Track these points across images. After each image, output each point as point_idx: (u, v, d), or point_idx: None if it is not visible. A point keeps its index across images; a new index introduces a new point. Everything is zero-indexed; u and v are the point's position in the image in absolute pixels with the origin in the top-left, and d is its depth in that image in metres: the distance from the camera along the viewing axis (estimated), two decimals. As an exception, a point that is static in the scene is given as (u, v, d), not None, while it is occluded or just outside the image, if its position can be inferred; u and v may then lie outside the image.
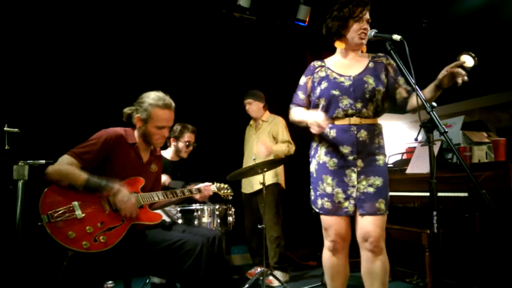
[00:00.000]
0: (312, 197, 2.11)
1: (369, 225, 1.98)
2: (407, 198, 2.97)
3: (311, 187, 2.15)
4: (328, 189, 2.02)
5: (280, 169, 3.77)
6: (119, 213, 1.93)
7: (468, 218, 2.54)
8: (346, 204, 2.00)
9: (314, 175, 2.11)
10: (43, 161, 1.68)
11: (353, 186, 2.00)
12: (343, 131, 2.02)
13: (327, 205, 2.02)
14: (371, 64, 2.11)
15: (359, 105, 2.02)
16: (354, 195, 2.00)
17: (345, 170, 2.01)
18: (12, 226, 1.75)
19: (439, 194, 2.64)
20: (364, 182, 2.00)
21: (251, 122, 3.97)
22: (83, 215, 1.82)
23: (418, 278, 3.21)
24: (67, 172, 1.82)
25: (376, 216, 1.98)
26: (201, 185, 2.37)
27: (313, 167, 2.13)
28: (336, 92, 2.03)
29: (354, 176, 2.01)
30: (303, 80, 2.21)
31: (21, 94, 3.35)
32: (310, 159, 2.16)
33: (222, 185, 2.58)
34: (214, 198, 2.65)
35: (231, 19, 4.52)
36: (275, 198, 3.69)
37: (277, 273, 3.52)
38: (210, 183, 2.46)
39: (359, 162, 2.01)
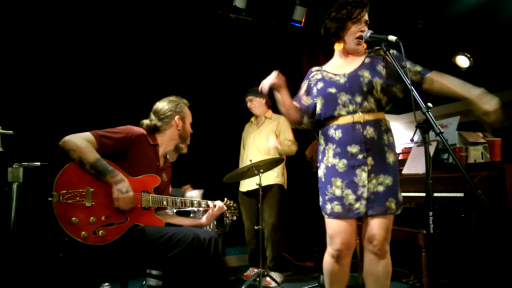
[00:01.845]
0: (321, 203, 2.05)
1: (375, 228, 1.95)
2: (404, 198, 2.96)
3: (319, 192, 2.08)
4: (338, 192, 1.96)
5: (283, 170, 3.74)
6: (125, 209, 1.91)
7: (464, 219, 2.55)
8: (357, 205, 1.94)
9: (323, 179, 2.03)
10: (38, 163, 1.66)
11: (364, 186, 1.94)
12: (348, 130, 1.98)
13: (337, 208, 1.95)
14: (367, 60, 2.08)
15: (358, 99, 1.98)
16: (365, 195, 1.93)
17: (356, 170, 1.95)
18: (7, 228, 1.74)
19: (435, 194, 2.64)
20: (374, 181, 1.94)
21: (252, 119, 3.91)
22: (92, 203, 1.82)
23: (415, 278, 3.21)
24: (83, 145, 1.83)
25: (383, 218, 1.94)
26: (209, 201, 2.36)
27: (321, 171, 2.05)
28: (332, 90, 2.01)
29: (364, 175, 1.94)
30: (302, 85, 2.22)
31: (15, 96, 3.33)
32: (319, 165, 2.10)
33: (231, 203, 2.57)
34: (210, 199, 2.63)
35: (227, 20, 4.52)
36: (279, 200, 3.63)
37: (274, 274, 3.52)
38: (221, 203, 2.43)
39: (369, 160, 1.95)
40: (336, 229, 1.99)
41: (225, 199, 2.54)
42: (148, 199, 2.03)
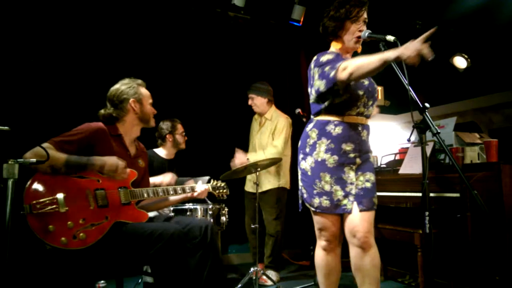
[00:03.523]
0: (305, 195, 2.06)
1: (356, 220, 1.97)
2: (400, 198, 2.98)
3: (302, 184, 2.10)
4: (327, 187, 1.99)
5: (286, 170, 3.72)
6: (103, 209, 1.89)
7: (460, 219, 2.55)
8: (345, 201, 1.98)
9: (309, 173, 2.04)
10: (33, 160, 1.65)
11: (352, 183, 2.00)
12: (349, 129, 2.01)
13: (326, 203, 1.99)
14: None
15: (370, 103, 2.06)
16: (353, 192, 1.99)
17: (344, 167, 2.00)
18: (2, 225, 1.73)
19: (432, 194, 2.65)
20: (361, 178, 2.02)
21: (256, 116, 3.88)
22: (66, 208, 1.77)
23: (410, 278, 3.22)
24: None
25: (365, 212, 1.98)
26: (195, 185, 2.34)
27: (308, 164, 2.05)
28: (360, 92, 2.01)
29: (352, 173, 2.01)
30: (332, 55, 1.99)
31: (10, 91, 3.31)
32: (303, 157, 2.10)
33: (218, 183, 2.49)
34: (208, 197, 2.62)
35: (226, 18, 4.52)
36: (277, 198, 3.64)
37: (270, 273, 3.52)
38: (206, 184, 2.41)
39: (358, 160, 2.03)
40: (324, 223, 2.05)
41: (212, 180, 2.50)
42: (126, 193, 2.00)
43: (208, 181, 2.48)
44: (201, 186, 2.35)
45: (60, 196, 1.77)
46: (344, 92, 1.97)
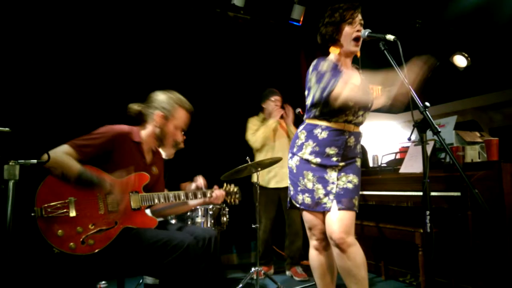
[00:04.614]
0: (292, 192, 2.13)
1: (333, 220, 1.99)
2: (401, 197, 2.98)
3: (289, 182, 2.16)
4: (309, 185, 2.05)
5: None
6: (113, 214, 1.87)
7: (461, 218, 2.55)
8: (325, 200, 2.02)
9: (294, 170, 2.12)
10: (34, 161, 1.65)
11: (333, 183, 2.04)
12: (335, 134, 2.04)
13: (308, 200, 2.05)
14: (362, 77, 2.16)
15: (360, 112, 2.08)
16: (334, 191, 2.03)
17: (326, 168, 2.05)
18: (3, 226, 1.73)
19: (432, 193, 2.65)
20: (344, 178, 2.05)
21: (263, 117, 3.85)
22: (77, 213, 1.77)
23: (412, 277, 3.22)
24: (62, 160, 1.77)
25: (342, 212, 1.98)
26: (206, 190, 2.30)
27: (293, 162, 2.13)
28: (351, 104, 2.00)
29: (334, 174, 2.05)
30: (330, 65, 2.03)
31: (11, 92, 3.31)
32: (291, 156, 2.16)
33: (231, 188, 2.43)
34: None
35: (225, 18, 4.51)
36: None
37: (299, 269, 3.64)
38: (220, 189, 2.36)
39: (342, 164, 2.06)
40: (312, 221, 2.11)
41: (225, 184, 2.45)
42: (137, 199, 1.97)
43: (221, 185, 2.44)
44: (217, 191, 2.32)
45: (71, 199, 1.78)
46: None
